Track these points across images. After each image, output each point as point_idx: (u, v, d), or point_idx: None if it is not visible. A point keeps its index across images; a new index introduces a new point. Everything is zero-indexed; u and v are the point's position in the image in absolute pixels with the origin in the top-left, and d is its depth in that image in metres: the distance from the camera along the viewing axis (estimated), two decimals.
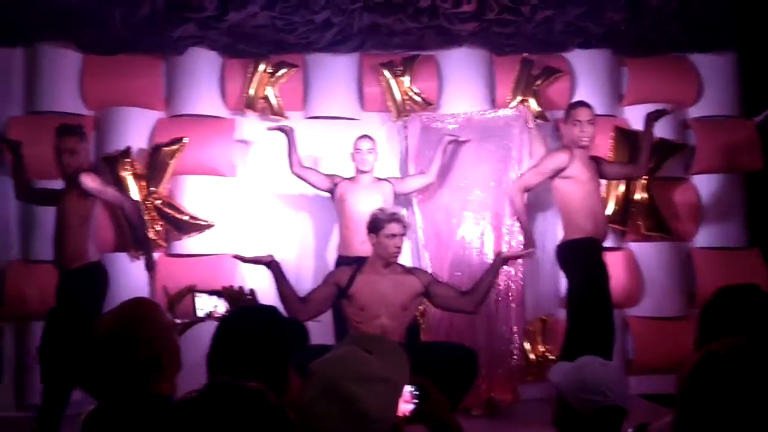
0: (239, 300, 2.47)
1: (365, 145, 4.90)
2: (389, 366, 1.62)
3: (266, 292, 3.94)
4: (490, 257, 4.97)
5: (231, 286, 2.46)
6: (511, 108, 5.25)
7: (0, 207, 5.14)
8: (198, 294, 2.52)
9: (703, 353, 1.35)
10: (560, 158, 4.69)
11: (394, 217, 4.01)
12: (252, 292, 2.30)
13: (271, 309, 2.00)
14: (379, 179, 4.98)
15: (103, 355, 1.95)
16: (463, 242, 5.14)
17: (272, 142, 5.28)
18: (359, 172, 4.93)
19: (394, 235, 3.99)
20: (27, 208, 5.08)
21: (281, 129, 4.94)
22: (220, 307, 2.57)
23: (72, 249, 4.42)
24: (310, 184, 4.99)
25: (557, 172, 4.69)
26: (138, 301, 2.06)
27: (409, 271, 4.19)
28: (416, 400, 1.72)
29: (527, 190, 4.85)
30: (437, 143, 5.05)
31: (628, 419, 2.05)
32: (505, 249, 4.91)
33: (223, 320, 1.97)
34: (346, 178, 4.96)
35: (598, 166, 4.78)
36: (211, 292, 2.47)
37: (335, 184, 4.92)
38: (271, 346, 1.86)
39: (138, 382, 1.92)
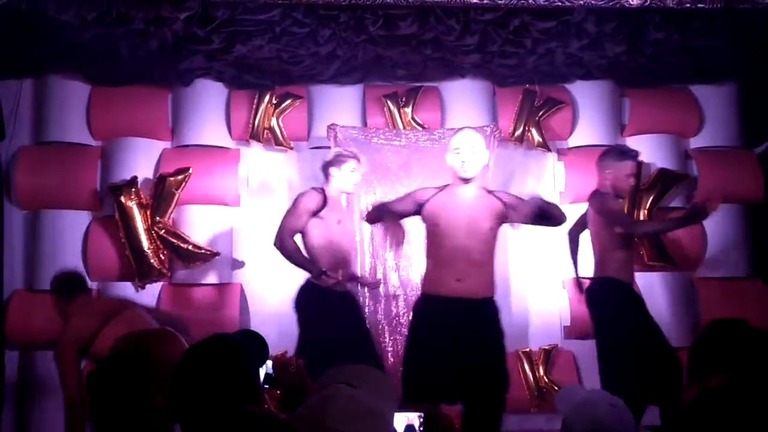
0: (285, 367, 2.42)
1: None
2: (377, 397, 1.61)
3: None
4: None
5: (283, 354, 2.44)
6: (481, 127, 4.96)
7: (4, 236, 5.16)
8: None
9: (699, 390, 1.36)
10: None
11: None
12: (298, 366, 2.28)
13: (220, 337, 1.98)
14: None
15: (107, 369, 1.96)
16: None
17: (276, 172, 5.31)
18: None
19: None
20: (31, 238, 5.12)
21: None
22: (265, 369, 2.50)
23: None
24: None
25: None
26: (163, 329, 2.05)
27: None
28: (422, 428, 1.72)
29: None
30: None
31: None
32: None
33: (179, 363, 1.93)
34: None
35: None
36: None
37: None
38: (235, 372, 1.87)
39: (135, 403, 1.91)
